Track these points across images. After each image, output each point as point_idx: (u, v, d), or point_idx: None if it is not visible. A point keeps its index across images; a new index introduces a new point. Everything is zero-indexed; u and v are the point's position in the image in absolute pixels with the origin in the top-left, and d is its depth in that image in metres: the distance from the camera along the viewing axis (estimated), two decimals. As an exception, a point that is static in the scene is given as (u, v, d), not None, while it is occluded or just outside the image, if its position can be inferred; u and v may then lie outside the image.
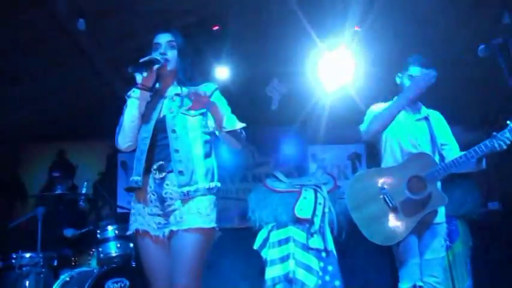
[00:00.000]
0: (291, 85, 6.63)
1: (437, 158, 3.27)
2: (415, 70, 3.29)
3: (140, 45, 5.40)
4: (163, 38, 2.53)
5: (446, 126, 3.41)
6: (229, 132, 2.42)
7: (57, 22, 4.53)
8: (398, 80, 3.43)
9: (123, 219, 3.77)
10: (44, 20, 4.51)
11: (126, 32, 5.23)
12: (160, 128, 2.44)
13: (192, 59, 2.61)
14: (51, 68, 5.39)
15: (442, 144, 3.32)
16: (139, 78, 2.41)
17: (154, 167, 2.40)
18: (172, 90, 2.54)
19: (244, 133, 2.51)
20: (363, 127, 3.35)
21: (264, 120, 6.73)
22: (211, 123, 2.51)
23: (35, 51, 4.93)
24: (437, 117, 3.44)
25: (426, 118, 3.39)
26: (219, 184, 2.47)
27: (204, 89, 2.52)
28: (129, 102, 2.48)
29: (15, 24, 4.45)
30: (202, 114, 2.48)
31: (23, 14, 4.36)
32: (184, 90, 2.51)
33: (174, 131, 2.41)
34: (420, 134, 3.33)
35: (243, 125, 2.44)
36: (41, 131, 6.54)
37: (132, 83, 2.51)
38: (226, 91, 2.72)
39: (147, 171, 2.42)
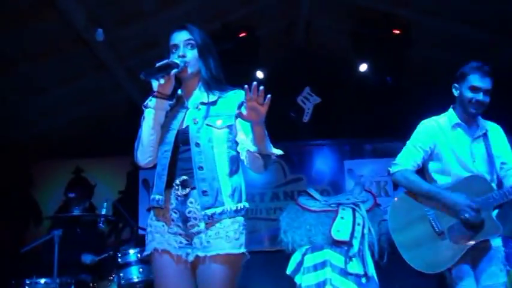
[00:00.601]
0: (325, 94, 6.64)
1: (495, 182, 3.14)
2: (475, 80, 3.12)
3: (162, 54, 5.56)
4: (179, 37, 2.42)
5: (506, 143, 3.24)
6: (261, 155, 2.29)
7: (74, 31, 4.65)
8: (455, 92, 3.26)
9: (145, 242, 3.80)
10: (59, 29, 4.63)
11: (147, 40, 5.34)
12: (183, 140, 2.35)
13: (216, 56, 2.49)
14: (66, 80, 5.54)
15: (501, 163, 3.18)
16: (155, 85, 2.33)
17: (177, 182, 2.31)
18: (197, 96, 2.44)
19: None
20: (394, 168, 3.31)
21: (295, 132, 6.74)
22: (240, 138, 2.38)
23: (50, 62, 5.08)
24: (496, 132, 3.27)
25: (485, 135, 3.23)
26: (247, 205, 2.38)
27: (234, 97, 2.43)
28: (147, 113, 2.39)
29: (28, 33, 4.57)
30: (229, 126, 2.37)
31: (36, 22, 4.48)
32: (212, 97, 2.41)
33: (197, 145, 2.32)
34: (476, 154, 3.20)
35: (280, 152, 2.32)
36: (56, 146, 6.70)
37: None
38: None
39: (169, 186, 2.33)
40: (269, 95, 2.16)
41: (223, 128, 2.36)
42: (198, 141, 2.32)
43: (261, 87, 2.14)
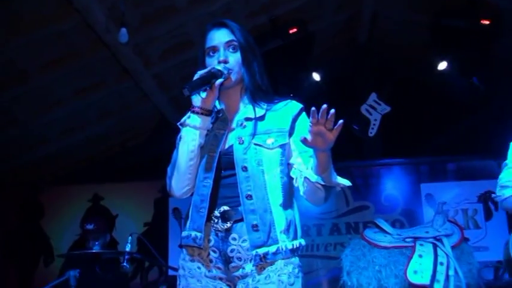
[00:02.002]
0: (396, 101, 6.60)
1: None
2: None
3: (196, 57, 5.63)
4: (219, 37, 2.40)
5: None
6: (323, 186, 2.25)
7: (94, 33, 4.79)
8: None
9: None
10: (78, 31, 4.80)
11: (179, 41, 5.47)
12: (226, 163, 2.34)
13: (260, 60, 2.47)
14: (83, 90, 5.72)
15: None
16: (196, 99, 2.31)
17: (216, 213, 2.29)
18: (241, 110, 2.44)
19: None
20: (506, 192, 3.22)
21: (359, 150, 6.70)
22: (296, 161, 2.36)
23: (65, 70, 5.26)
24: None
25: None
26: (303, 242, 2.35)
27: (286, 110, 2.41)
28: (184, 132, 2.36)
29: (44, 36, 4.75)
30: (281, 146, 2.34)
31: (53, 23, 4.66)
32: (259, 110, 2.40)
33: (245, 169, 2.29)
34: None
35: (348, 183, 2.28)
36: (71, 170, 6.91)
37: (187, 106, 2.41)
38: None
39: (207, 219, 2.32)
40: (341, 121, 2.11)
41: (275, 148, 2.34)
42: (245, 165, 2.30)
43: (332, 111, 2.09)
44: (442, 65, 5.88)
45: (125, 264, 4.54)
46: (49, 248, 6.78)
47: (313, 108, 2.09)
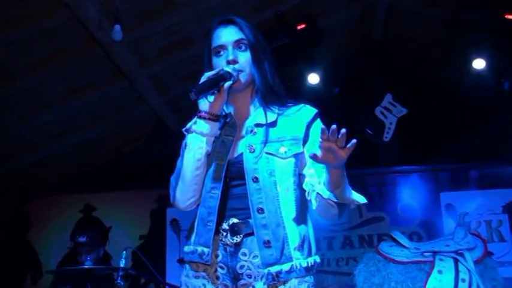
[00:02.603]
0: (413, 103, 6.60)
1: None
2: None
3: (197, 56, 5.66)
4: (227, 36, 2.40)
5: None
6: (336, 203, 2.25)
7: (86, 30, 4.80)
8: None
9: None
10: (68, 28, 4.81)
11: (178, 39, 5.49)
12: (235, 173, 2.34)
13: (271, 59, 2.46)
14: (74, 92, 5.72)
15: None
16: (203, 103, 2.30)
17: (225, 226, 2.30)
18: (251, 115, 2.44)
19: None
20: None
21: (373, 156, 6.70)
22: (309, 172, 2.35)
23: (56, 68, 5.27)
24: None
25: None
26: (318, 259, 2.34)
27: (299, 115, 2.41)
28: (190, 139, 2.34)
29: (31, 33, 4.76)
30: (295, 155, 2.34)
31: (41, 20, 4.66)
32: (271, 115, 2.39)
33: (256, 180, 2.28)
34: None
35: (363, 200, 2.26)
36: (61, 178, 6.91)
37: (190, 111, 2.40)
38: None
39: (215, 232, 2.31)
40: (354, 140, 2.09)
41: (288, 157, 2.33)
42: (257, 175, 2.29)
43: (343, 130, 2.07)
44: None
45: (119, 281, 4.53)
46: (37, 263, 6.74)
47: (322, 126, 2.07)
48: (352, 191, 2.25)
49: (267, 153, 2.32)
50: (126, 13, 4.78)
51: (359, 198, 2.25)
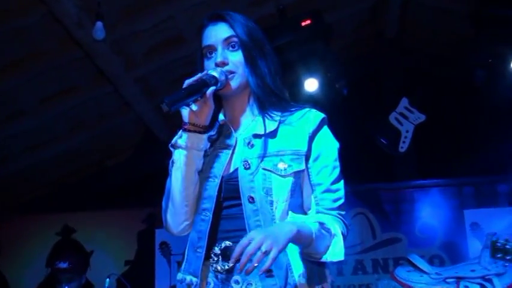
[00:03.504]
0: (433, 109, 6.61)
1: None
2: None
3: (189, 56, 5.67)
4: (215, 34, 2.38)
5: None
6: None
7: (64, 28, 4.79)
8: None
9: None
10: (44, 26, 4.80)
11: (166, 36, 5.49)
12: (229, 191, 2.31)
13: (272, 58, 2.44)
14: (51, 98, 5.71)
15: None
16: (186, 114, 2.27)
17: (216, 250, 2.29)
18: (248, 124, 2.42)
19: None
20: None
21: (387, 168, 6.71)
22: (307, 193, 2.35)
23: (31, 71, 5.26)
24: None
25: None
26: (329, 287, 2.36)
27: (303, 122, 2.37)
28: (177, 155, 2.32)
29: (3, 32, 4.76)
30: (296, 173, 2.32)
31: (14, 17, 4.65)
32: (270, 123, 2.36)
33: (252, 200, 2.26)
34: None
35: (341, 257, 2.25)
36: (35, 195, 6.89)
37: (179, 117, 2.34)
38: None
39: (205, 257, 2.30)
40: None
41: (287, 175, 2.31)
42: (252, 195, 2.27)
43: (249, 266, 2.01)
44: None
45: (102, 312, 4.53)
46: (7, 292, 6.74)
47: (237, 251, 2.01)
48: (331, 246, 2.23)
49: (264, 169, 2.30)
50: (109, 8, 4.77)
51: (335, 255, 2.24)
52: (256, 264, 1.96)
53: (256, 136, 2.35)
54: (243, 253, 1.97)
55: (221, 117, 2.43)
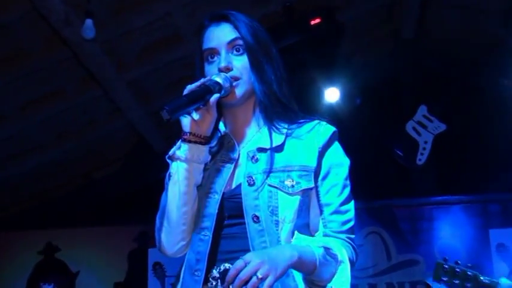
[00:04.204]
0: (454, 117, 6.60)
1: None
2: None
3: (187, 57, 5.61)
4: (218, 37, 2.38)
5: None
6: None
7: (49, 26, 4.76)
8: None
9: None
10: (28, 23, 4.78)
11: (162, 35, 5.47)
12: (231, 208, 2.32)
13: (278, 63, 2.43)
14: (34, 103, 5.69)
15: None
16: (186, 123, 2.25)
17: (215, 273, 2.28)
18: (252, 136, 2.42)
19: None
20: None
21: (404, 183, 6.69)
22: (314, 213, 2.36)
23: (13, 73, 5.24)
24: None
25: None
26: None
27: (313, 135, 2.38)
28: (175, 168, 2.32)
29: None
30: (304, 191, 2.32)
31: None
32: (277, 137, 2.36)
33: (256, 219, 2.27)
34: None
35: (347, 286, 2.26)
36: (15, 210, 6.87)
37: (180, 127, 2.30)
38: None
39: (204, 282, 2.30)
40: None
41: (295, 193, 2.32)
42: (257, 213, 2.29)
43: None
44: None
45: None
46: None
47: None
48: (336, 273, 2.24)
49: (270, 185, 2.30)
50: (99, 5, 4.77)
51: (340, 284, 2.25)
52: None
53: (261, 150, 2.35)
54: (237, 277, 1.98)
55: (222, 127, 2.42)
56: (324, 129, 2.37)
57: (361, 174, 2.18)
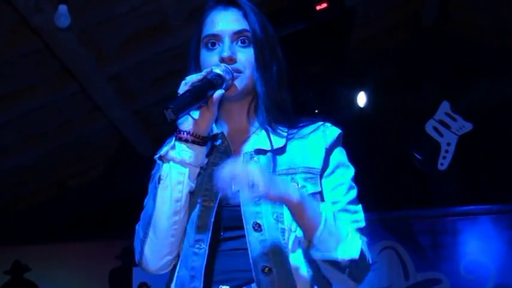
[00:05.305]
0: (482, 115, 6.62)
1: None
2: None
3: (177, 48, 5.64)
4: (224, 23, 2.39)
5: None
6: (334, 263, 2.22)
7: (16, 12, 4.76)
8: None
9: None
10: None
11: (147, 23, 5.46)
12: (229, 219, 2.31)
13: (282, 62, 2.44)
14: (3, 99, 5.70)
15: None
16: (184, 121, 2.26)
17: None
18: (252, 139, 2.42)
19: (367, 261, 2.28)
20: None
21: (424, 194, 6.70)
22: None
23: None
24: None
25: None
26: None
27: (317, 136, 2.39)
28: (166, 170, 2.30)
29: None
30: (313, 195, 2.31)
31: None
32: (277, 139, 2.36)
33: (258, 227, 2.28)
34: None
35: (354, 256, 2.22)
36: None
37: (168, 127, 2.29)
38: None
39: None
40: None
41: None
42: (259, 221, 2.29)
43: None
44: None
45: None
46: None
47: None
48: (343, 241, 2.23)
49: None
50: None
51: (349, 252, 2.22)
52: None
53: (260, 152, 2.36)
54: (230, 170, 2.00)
55: (215, 128, 2.42)
56: (330, 130, 2.40)
57: (374, 182, 2.20)
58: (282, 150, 2.36)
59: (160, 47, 5.63)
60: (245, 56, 2.35)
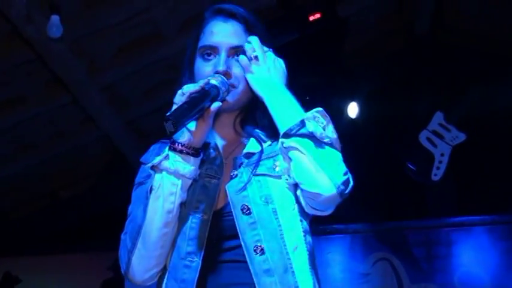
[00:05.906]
0: (476, 126, 6.64)
1: None
2: None
3: (169, 58, 5.62)
4: (223, 35, 2.42)
5: None
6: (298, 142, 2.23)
7: (9, 22, 4.80)
8: None
9: None
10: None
11: (140, 34, 5.49)
12: (225, 231, 2.31)
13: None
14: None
15: None
16: (180, 132, 2.24)
17: None
18: (238, 148, 2.46)
19: (348, 178, 2.26)
20: None
21: (418, 204, 6.76)
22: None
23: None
24: None
25: None
26: None
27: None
28: (159, 181, 2.29)
29: None
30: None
31: None
32: (269, 148, 2.40)
33: (247, 210, 2.30)
34: None
35: (319, 111, 2.26)
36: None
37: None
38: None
39: None
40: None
41: (281, 175, 2.35)
42: (246, 203, 2.31)
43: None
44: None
45: None
46: None
47: None
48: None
49: (256, 175, 2.33)
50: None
51: (330, 133, 2.26)
52: None
53: (249, 155, 2.39)
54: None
55: (211, 141, 2.44)
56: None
57: (368, 193, 2.19)
58: (268, 148, 2.40)
59: (153, 57, 5.64)
60: (240, 72, 2.38)
